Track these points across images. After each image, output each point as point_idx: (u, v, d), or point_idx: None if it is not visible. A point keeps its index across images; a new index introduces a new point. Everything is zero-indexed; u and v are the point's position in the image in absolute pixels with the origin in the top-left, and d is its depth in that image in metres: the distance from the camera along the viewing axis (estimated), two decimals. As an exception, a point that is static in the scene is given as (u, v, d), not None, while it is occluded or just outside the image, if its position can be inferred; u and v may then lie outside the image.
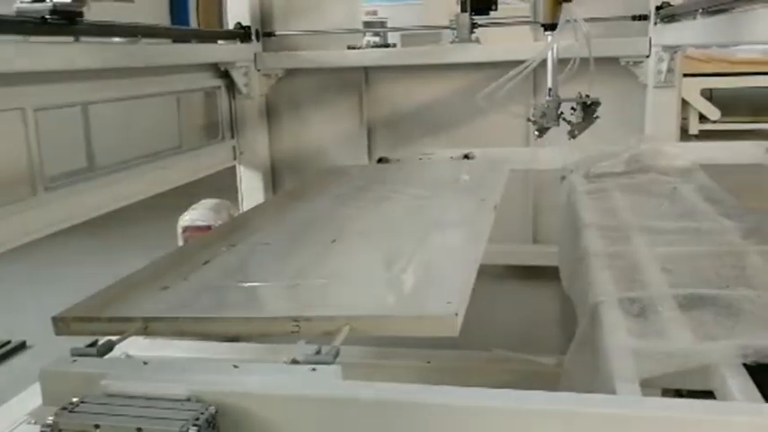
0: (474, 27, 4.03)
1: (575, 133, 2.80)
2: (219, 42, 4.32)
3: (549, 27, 2.71)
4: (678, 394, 1.47)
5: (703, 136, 8.98)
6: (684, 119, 8.55)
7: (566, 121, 2.79)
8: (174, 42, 3.71)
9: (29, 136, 2.65)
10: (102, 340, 1.48)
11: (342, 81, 4.52)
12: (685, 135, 8.39)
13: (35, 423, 2.09)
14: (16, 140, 2.63)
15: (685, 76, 4.54)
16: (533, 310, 3.90)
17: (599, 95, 3.12)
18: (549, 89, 2.80)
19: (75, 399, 1.22)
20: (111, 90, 3.21)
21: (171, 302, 1.73)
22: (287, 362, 1.34)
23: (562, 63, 2.94)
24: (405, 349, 2.72)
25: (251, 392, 1.21)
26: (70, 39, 2.78)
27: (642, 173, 3.03)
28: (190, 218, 3.76)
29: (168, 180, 3.61)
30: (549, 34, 2.72)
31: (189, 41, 3.91)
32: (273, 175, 4.70)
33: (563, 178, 3.19)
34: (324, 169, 3.63)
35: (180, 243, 3.66)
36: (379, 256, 2.12)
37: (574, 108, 2.77)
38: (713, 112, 9.27)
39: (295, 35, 4.51)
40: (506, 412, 1.14)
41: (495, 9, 3.94)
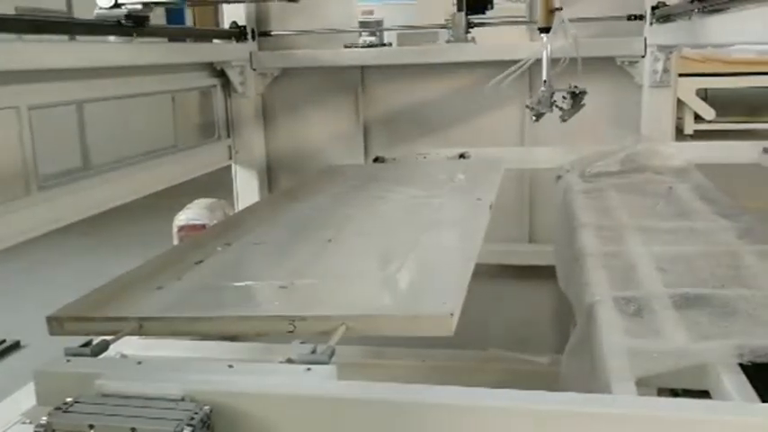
0: (470, 26, 4.03)
1: (565, 118, 3.20)
2: (215, 41, 4.31)
3: (545, 30, 3.13)
4: (673, 394, 1.47)
5: (698, 136, 9.02)
6: (680, 118, 8.57)
7: (558, 107, 3.18)
8: (170, 41, 3.70)
9: (23, 134, 2.64)
10: (97, 340, 1.48)
11: (338, 80, 4.51)
12: (680, 135, 8.40)
13: (29, 423, 2.08)
14: (10, 139, 2.62)
15: (680, 75, 4.54)
16: (528, 309, 3.90)
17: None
18: (545, 81, 3.17)
19: (69, 399, 1.21)
20: (105, 89, 3.20)
21: (166, 302, 1.73)
22: (282, 361, 1.33)
23: (556, 61, 3.23)
24: (400, 349, 2.72)
25: (246, 392, 1.21)
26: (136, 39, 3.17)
27: (638, 172, 3.04)
28: (185, 217, 3.76)
29: (163, 179, 3.59)
30: (545, 36, 3.14)
31: (184, 40, 3.90)
32: (269, 175, 4.69)
33: (558, 178, 3.19)
34: (320, 169, 3.62)
35: (175, 242, 3.65)
36: (375, 255, 2.11)
37: (564, 96, 3.17)
38: (708, 111, 9.30)
39: (291, 35, 4.50)
40: (502, 412, 1.14)
41: (490, 8, 3.94)
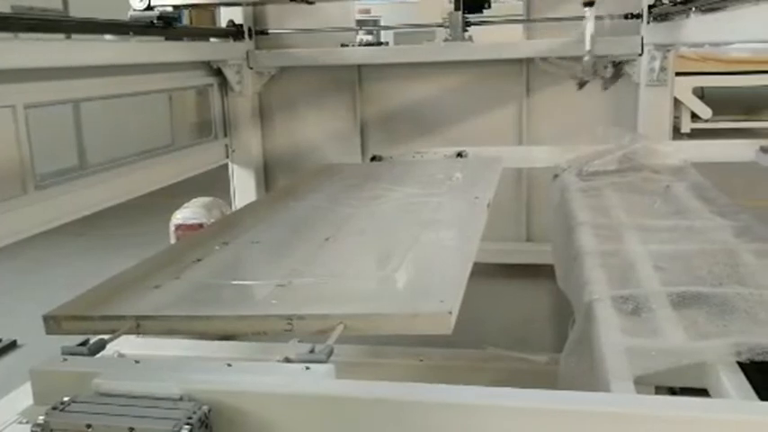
0: (467, 25, 4.03)
1: (606, 86, 3.52)
2: (212, 40, 4.30)
3: (589, 4, 3.47)
4: (672, 392, 1.47)
5: (695, 134, 9.02)
6: (676, 117, 8.59)
7: (600, 76, 3.48)
8: (166, 40, 3.69)
9: (19, 133, 2.63)
10: (94, 339, 1.47)
11: (335, 79, 4.51)
12: (677, 133, 8.42)
13: (27, 423, 2.08)
14: (6, 138, 2.61)
15: (677, 74, 4.55)
16: (526, 308, 3.90)
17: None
18: (588, 50, 3.43)
19: (66, 398, 1.20)
20: (102, 88, 3.19)
21: (163, 301, 1.72)
22: (280, 360, 1.33)
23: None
24: (398, 348, 2.71)
25: (244, 391, 1.21)
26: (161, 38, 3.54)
27: (635, 171, 3.04)
28: (182, 216, 3.74)
29: (160, 178, 3.59)
30: (588, 9, 3.46)
31: (181, 39, 3.89)
32: (266, 174, 4.69)
33: (555, 176, 3.19)
34: (317, 167, 3.62)
35: (172, 241, 3.64)
36: (373, 254, 2.11)
37: (606, 66, 3.47)
38: (705, 110, 9.30)
39: (288, 33, 4.50)
40: (500, 411, 1.14)
41: (488, 7, 3.94)
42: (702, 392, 1.35)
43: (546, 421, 1.12)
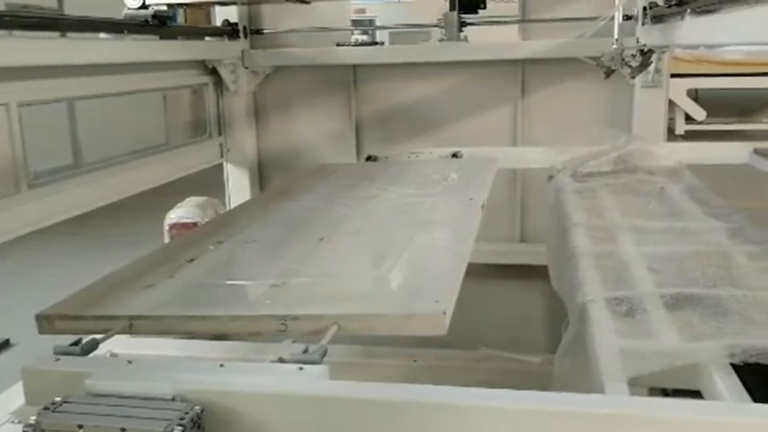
0: (463, 26, 4.03)
1: (633, 75, 3.48)
2: (207, 39, 4.29)
3: None
4: (665, 394, 1.48)
5: (689, 136, 9.04)
6: (671, 119, 8.60)
7: (628, 65, 3.44)
8: (161, 39, 3.68)
9: (12, 131, 2.62)
10: (86, 339, 1.46)
11: (330, 79, 4.50)
12: (672, 135, 8.42)
13: (18, 422, 2.07)
14: (-1, 136, 2.60)
15: (672, 76, 4.56)
16: (520, 309, 3.91)
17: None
18: (616, 39, 3.43)
19: (58, 398, 1.20)
20: (96, 86, 3.18)
21: (157, 300, 1.72)
22: (274, 361, 1.32)
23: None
24: (392, 348, 2.71)
25: (237, 392, 1.20)
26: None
27: (629, 173, 3.04)
28: (177, 215, 3.74)
29: (154, 177, 3.58)
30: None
31: (176, 38, 3.88)
32: (261, 173, 4.68)
33: (550, 178, 3.20)
34: (312, 167, 3.61)
35: (166, 240, 3.63)
36: (368, 254, 2.11)
37: (634, 54, 3.43)
38: (699, 112, 9.33)
39: (283, 33, 4.49)
40: (494, 411, 1.14)
41: (483, 7, 3.94)
42: (696, 394, 1.35)
43: (539, 422, 1.12)
